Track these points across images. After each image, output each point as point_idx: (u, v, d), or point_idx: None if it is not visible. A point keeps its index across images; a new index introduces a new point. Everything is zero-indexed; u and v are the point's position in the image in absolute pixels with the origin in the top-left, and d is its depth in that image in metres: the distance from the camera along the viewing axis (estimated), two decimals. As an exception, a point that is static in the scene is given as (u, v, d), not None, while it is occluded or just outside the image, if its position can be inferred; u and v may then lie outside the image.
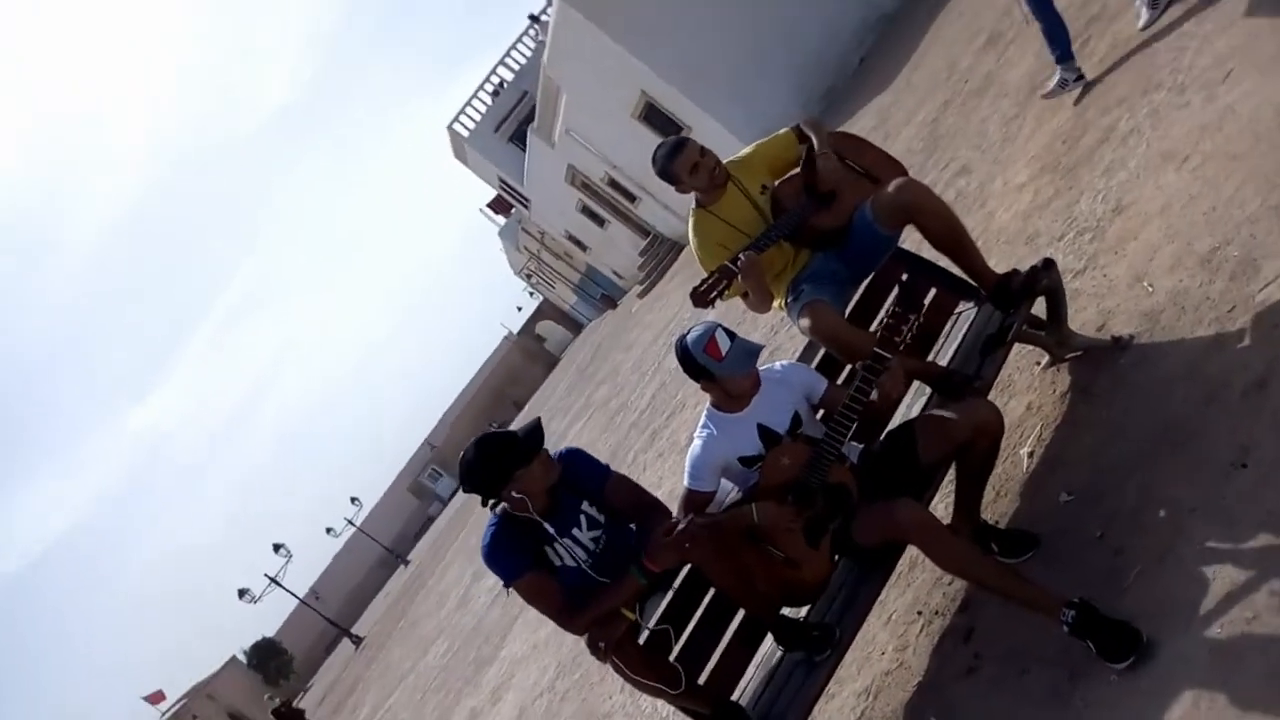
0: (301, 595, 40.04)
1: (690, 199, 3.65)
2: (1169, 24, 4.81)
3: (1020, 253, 4.51)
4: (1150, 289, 3.38)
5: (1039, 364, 3.73)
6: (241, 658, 61.94)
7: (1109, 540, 2.70)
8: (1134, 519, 2.66)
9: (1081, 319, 3.61)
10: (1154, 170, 3.95)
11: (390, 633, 26.24)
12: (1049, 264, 3.29)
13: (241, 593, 37.15)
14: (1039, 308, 3.44)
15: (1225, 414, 2.63)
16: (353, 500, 50.31)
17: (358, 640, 36.80)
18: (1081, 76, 5.33)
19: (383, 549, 52.46)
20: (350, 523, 50.75)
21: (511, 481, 2.86)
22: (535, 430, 2.96)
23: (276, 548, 38.25)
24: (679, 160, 3.51)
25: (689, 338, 2.92)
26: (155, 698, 46.04)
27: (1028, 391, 3.71)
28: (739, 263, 3.29)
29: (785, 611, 3.02)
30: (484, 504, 2.96)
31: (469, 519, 26.36)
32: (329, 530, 50.51)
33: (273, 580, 38.01)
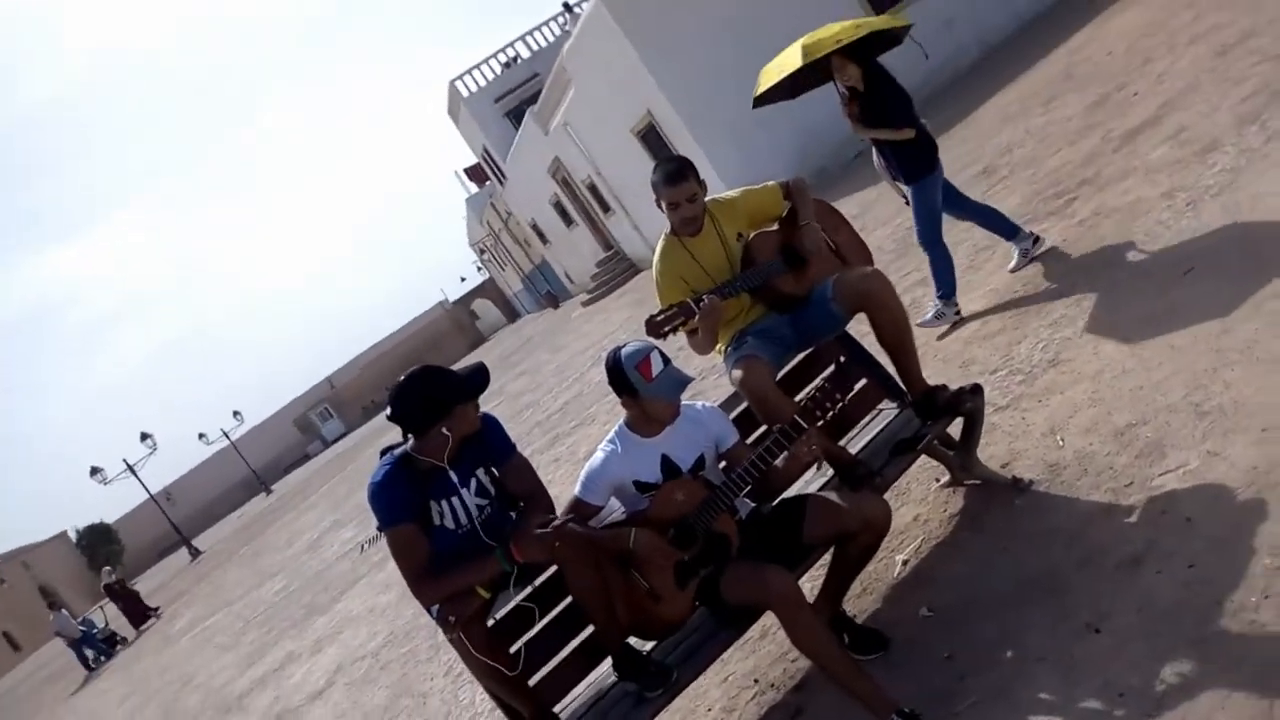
0: (154, 491, 38.64)
1: (665, 223, 3.66)
2: (1153, 199, 5.02)
3: (953, 374, 4.63)
4: (1061, 444, 3.49)
5: (939, 480, 3.82)
6: (72, 535, 59.68)
7: (955, 664, 2.76)
8: (984, 651, 2.73)
9: (991, 452, 3.71)
10: (1098, 336, 4.09)
11: (231, 555, 25.52)
12: (977, 390, 3.38)
13: (94, 470, 35.73)
14: (955, 428, 3.54)
15: (1095, 579, 2.71)
16: (235, 414, 48.84)
17: (196, 552, 35.70)
18: (959, 314, 5.42)
19: (250, 471, 51.10)
20: (225, 435, 49.33)
21: (447, 418, 2.81)
22: (481, 372, 2.91)
23: (144, 436, 36.91)
24: (672, 188, 3.49)
25: (624, 350, 2.92)
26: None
27: (920, 503, 3.79)
28: (702, 304, 3.32)
29: (631, 641, 3.01)
30: (405, 436, 2.90)
31: (347, 467, 25.89)
32: (201, 436, 49.01)
33: (129, 468, 36.65)
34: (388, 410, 2.85)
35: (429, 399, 2.81)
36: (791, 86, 5.69)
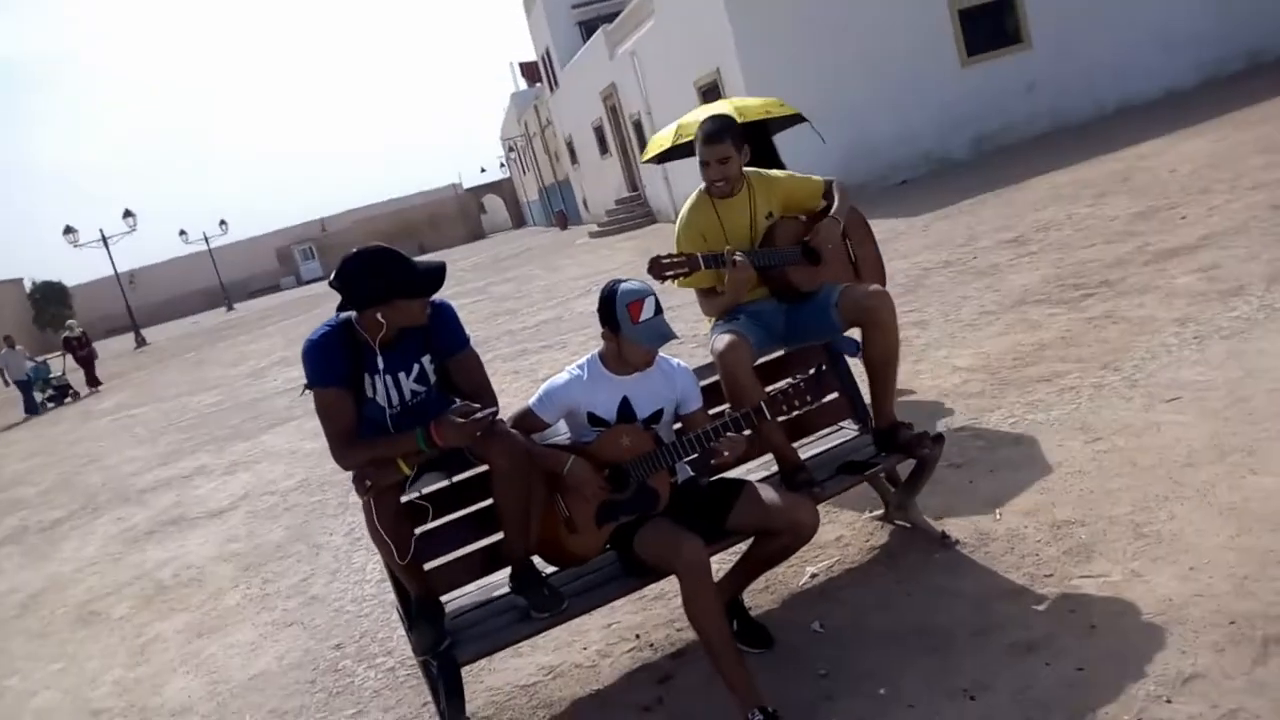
0: (119, 270, 38.25)
1: (699, 182, 3.65)
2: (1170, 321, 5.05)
3: (920, 417, 4.65)
4: (998, 517, 3.54)
5: (871, 511, 3.86)
6: (27, 286, 59.06)
7: (827, 683, 2.81)
8: (859, 680, 2.78)
9: (929, 502, 3.75)
10: (1069, 430, 4.13)
11: (175, 356, 25.39)
12: (939, 439, 3.41)
13: (68, 229, 35.25)
14: (905, 467, 3.57)
15: (985, 650, 2.77)
16: (221, 223, 48.40)
17: (142, 341, 35.44)
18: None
19: (219, 283, 50.69)
20: (205, 240, 48.87)
21: (385, 305, 2.77)
22: (438, 274, 2.85)
23: (127, 213, 36.43)
24: (707, 146, 3.49)
25: (623, 286, 2.91)
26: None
27: (847, 526, 3.83)
28: (734, 260, 3.32)
29: (534, 559, 3.04)
30: (341, 308, 2.85)
31: (313, 310, 25.74)
32: (183, 233, 48.48)
33: (104, 238, 36.23)
34: (331, 276, 2.80)
35: (372, 281, 2.74)
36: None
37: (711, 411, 3.24)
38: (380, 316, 2.76)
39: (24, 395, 20.06)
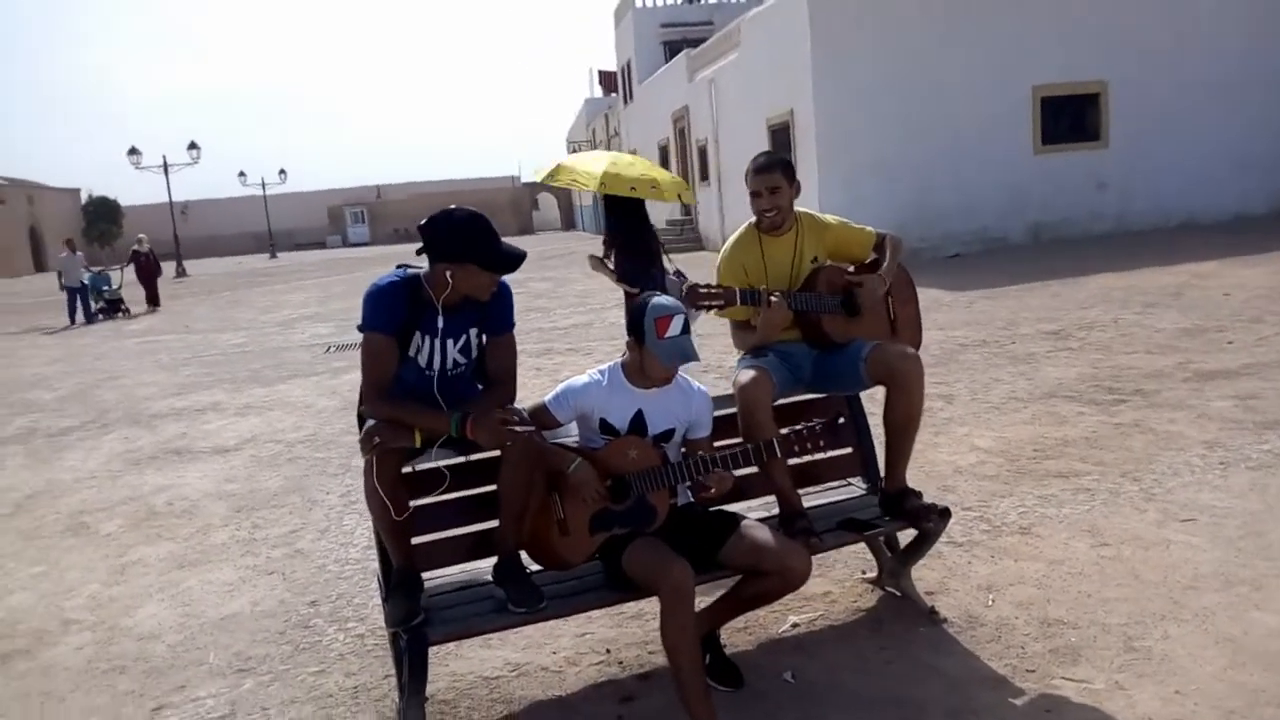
0: (175, 199, 38.82)
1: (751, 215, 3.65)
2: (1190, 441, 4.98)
3: (930, 490, 4.61)
4: (990, 604, 3.49)
5: (864, 572, 3.82)
6: (83, 197, 60.07)
7: (789, 734, 2.78)
8: (820, 737, 2.74)
9: (924, 575, 3.71)
10: (1076, 530, 4.08)
11: (211, 293, 25.67)
12: (945, 514, 3.37)
13: (133, 150, 35.86)
14: (906, 535, 3.53)
15: (953, 731, 2.72)
16: (281, 172, 49.22)
17: (182, 272, 35.86)
18: None
19: (267, 230, 51.28)
20: (263, 185, 49.55)
21: (457, 265, 2.80)
22: (518, 258, 2.88)
23: (192, 145, 37.03)
24: (757, 175, 3.51)
25: (655, 300, 2.90)
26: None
27: (837, 583, 3.79)
28: (769, 300, 3.32)
29: (522, 554, 3.02)
30: (419, 253, 2.89)
31: (354, 271, 25.93)
32: (241, 174, 49.29)
33: (165, 166, 36.80)
34: (422, 221, 2.85)
35: (454, 238, 2.79)
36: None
37: (722, 443, 3.22)
38: (449, 276, 2.80)
39: (71, 301, 19.60)
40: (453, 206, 2.86)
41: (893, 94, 15.23)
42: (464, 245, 2.79)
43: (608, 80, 39.07)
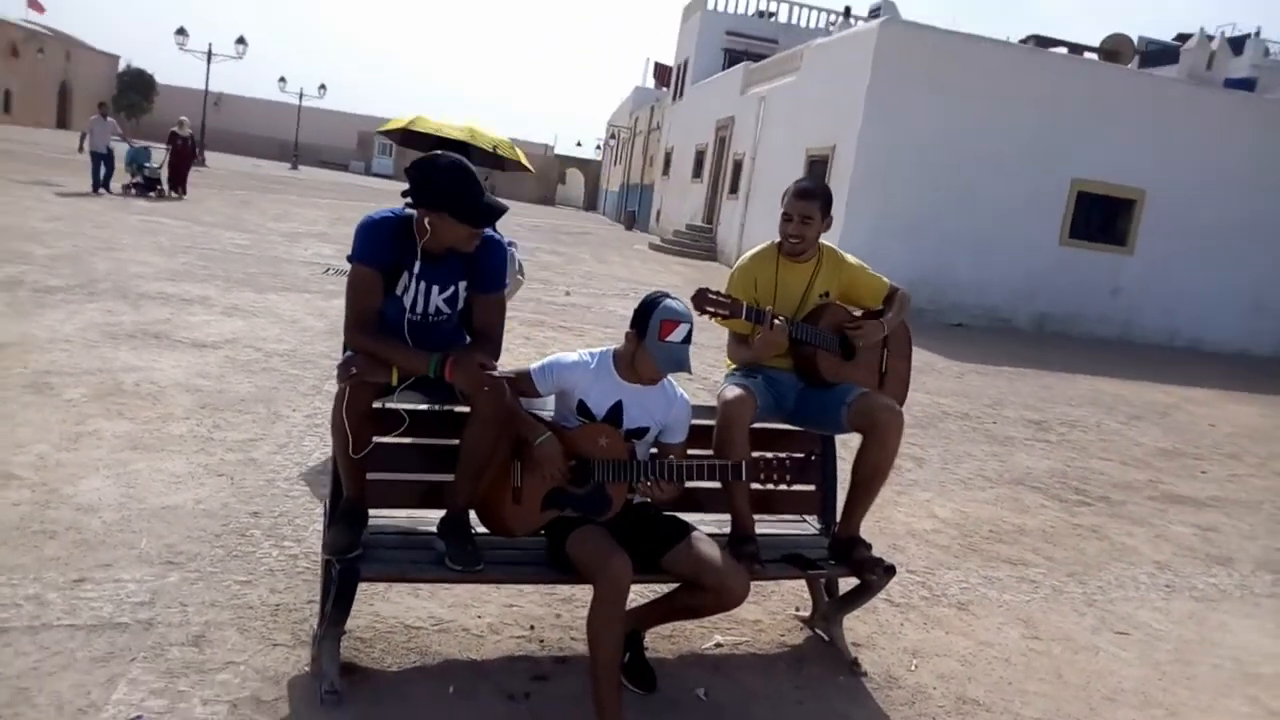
0: (212, 88, 38.67)
1: (773, 236, 3.67)
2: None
3: (880, 544, 4.62)
4: (913, 669, 3.51)
5: (798, 610, 3.84)
6: (121, 65, 59.71)
7: (689, 748, 2.79)
8: (719, 758, 2.76)
9: (855, 625, 3.73)
10: (1012, 617, 4.11)
11: (225, 189, 25.54)
12: (890, 571, 3.38)
13: (180, 30, 35.61)
14: (847, 584, 3.55)
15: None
16: (321, 86, 49.07)
17: (201, 162, 35.62)
18: None
19: (294, 140, 51.08)
20: (300, 96, 49.38)
21: (434, 213, 2.78)
22: (491, 212, 2.84)
23: (240, 40, 36.91)
24: (796, 200, 3.53)
25: (667, 301, 2.90)
26: (36, 7, 49.99)
27: (769, 613, 3.81)
28: (773, 321, 3.33)
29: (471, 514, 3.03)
30: (403, 195, 2.88)
31: (367, 202, 25.84)
32: (282, 79, 49.20)
33: (209, 53, 36.62)
34: (408, 166, 2.85)
35: (434, 187, 2.77)
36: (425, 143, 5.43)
37: (694, 452, 3.23)
38: (427, 223, 2.79)
39: (94, 167, 18.66)
40: (438, 153, 2.84)
41: (935, 155, 15.27)
42: (441, 194, 2.77)
43: (662, 74, 39.00)
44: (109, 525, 3.71)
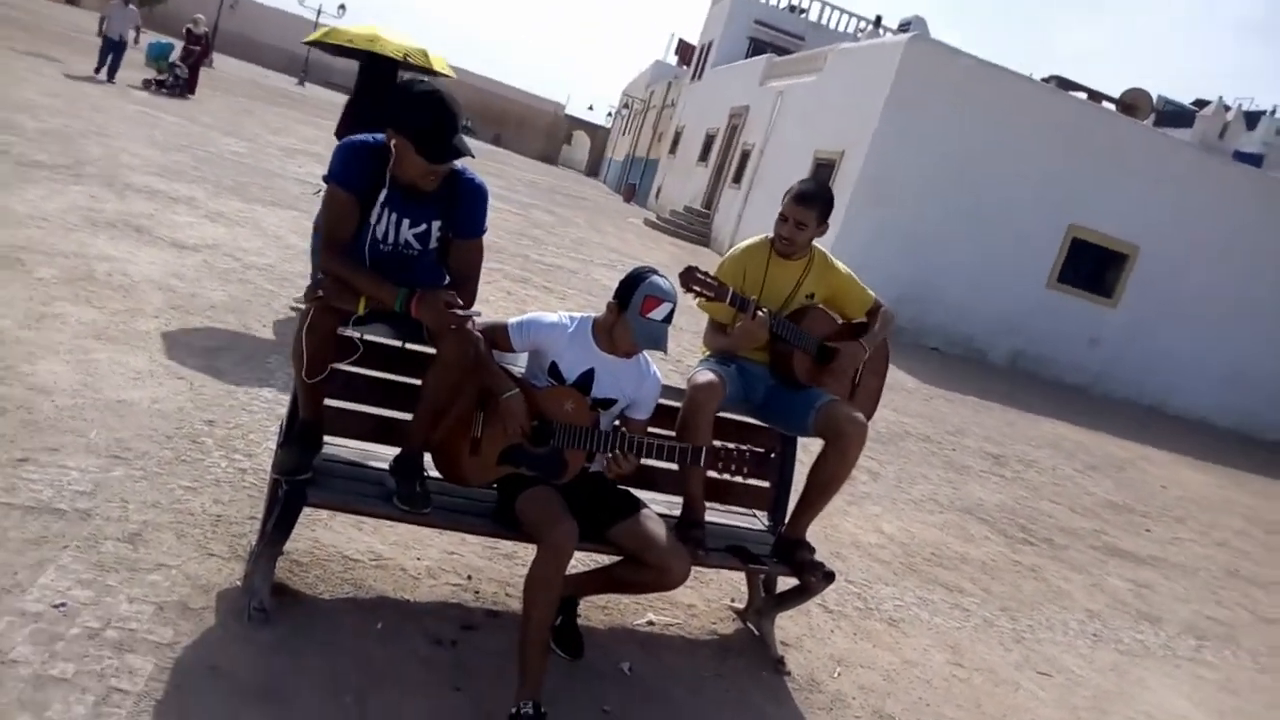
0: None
1: (766, 230, 3.67)
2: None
3: (823, 550, 4.66)
4: (836, 675, 3.56)
5: (734, 601, 3.87)
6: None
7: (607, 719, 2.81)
8: (632, 733, 2.78)
9: (786, 625, 3.77)
10: (940, 641, 4.17)
11: (228, 94, 25.14)
12: (829, 577, 3.41)
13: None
14: (786, 583, 3.58)
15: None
16: (341, 6, 48.66)
17: (209, 63, 35.01)
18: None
19: (305, 56, 50.41)
20: (318, 13, 48.81)
21: (400, 138, 2.69)
22: (447, 149, 2.72)
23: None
24: (794, 204, 3.52)
25: (653, 278, 2.89)
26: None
27: (705, 600, 3.84)
28: (756, 311, 3.33)
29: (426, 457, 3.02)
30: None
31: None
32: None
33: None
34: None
35: (405, 107, 2.69)
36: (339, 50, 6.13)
37: (656, 431, 3.24)
38: (393, 145, 2.75)
39: (104, 52, 17.69)
40: (421, 79, 2.77)
41: (941, 177, 15.29)
42: (408, 120, 2.69)
43: (685, 52, 38.79)
44: (61, 410, 3.66)
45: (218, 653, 2.58)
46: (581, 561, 3.61)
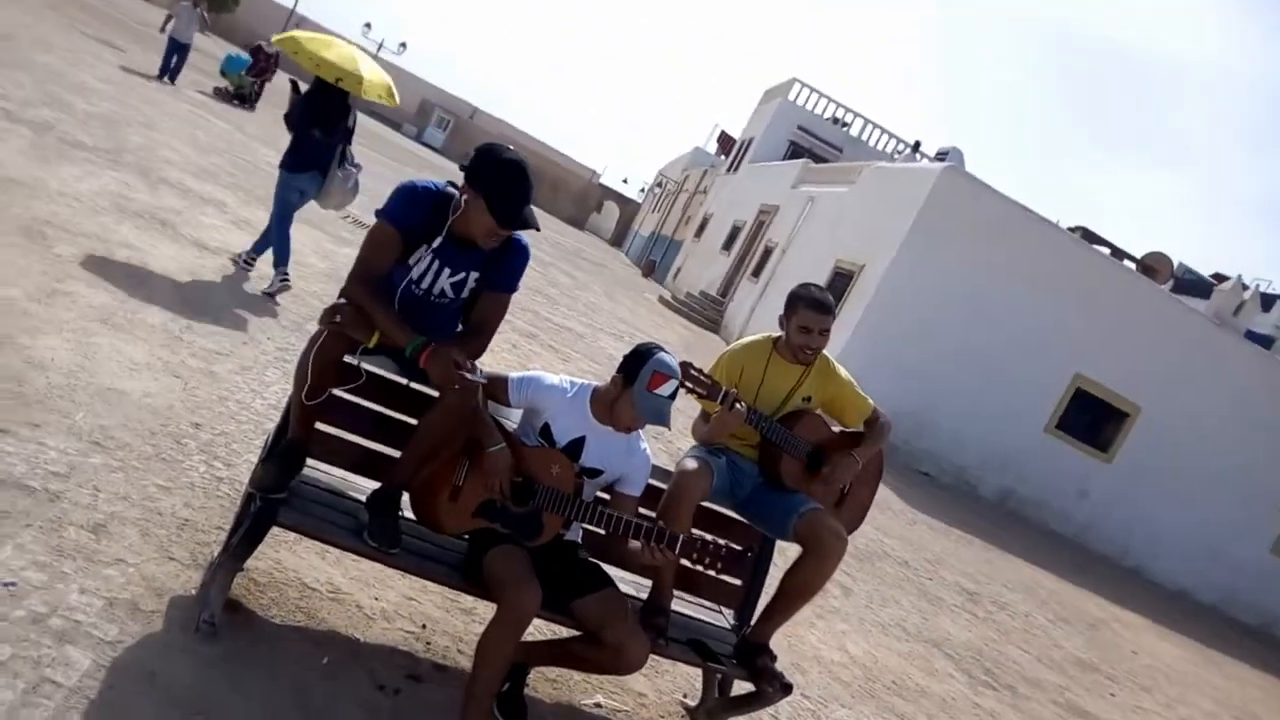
0: (299, 10, 39.07)
1: (769, 329, 3.70)
2: None
3: (784, 660, 4.58)
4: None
5: (686, 696, 3.79)
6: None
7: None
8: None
9: (736, 729, 3.68)
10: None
11: (276, 107, 25.53)
12: (787, 689, 3.35)
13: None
14: (742, 687, 3.51)
15: None
16: (402, 44, 50.07)
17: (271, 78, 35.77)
18: (285, 278, 6.57)
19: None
20: (379, 47, 50.07)
21: (475, 194, 2.79)
22: (519, 219, 2.84)
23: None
24: (821, 315, 3.53)
25: (662, 355, 2.91)
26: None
27: (657, 691, 3.76)
28: (736, 407, 3.33)
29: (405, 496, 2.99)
30: (462, 167, 2.90)
31: (404, 167, 25.90)
32: (367, 25, 49.90)
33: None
34: (481, 144, 2.90)
35: (488, 167, 2.80)
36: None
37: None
38: (464, 200, 2.81)
39: (168, 53, 17.37)
40: (511, 147, 2.87)
41: (956, 304, 15.43)
42: (490, 180, 2.80)
43: (725, 143, 39.47)
44: (52, 387, 3.65)
45: (158, 659, 2.52)
46: (540, 630, 3.55)
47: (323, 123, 6.56)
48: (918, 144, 29.09)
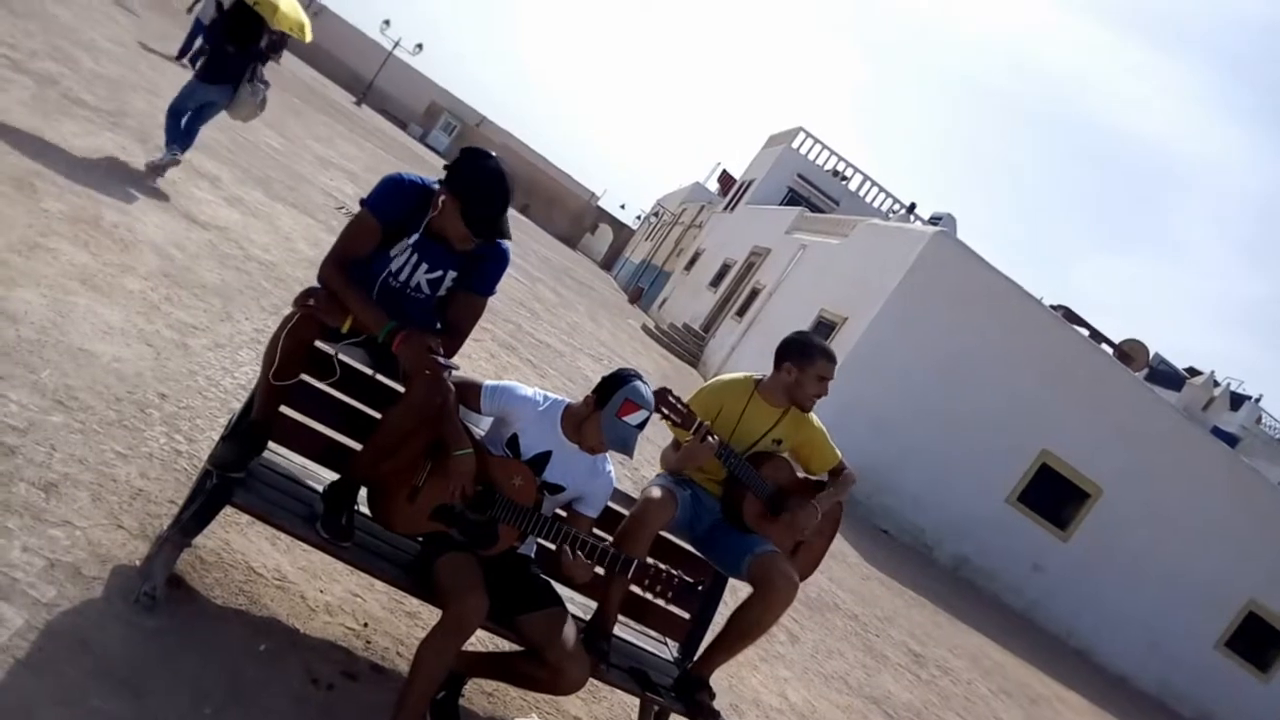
0: (317, -4, 39.19)
1: (748, 368, 3.73)
2: None
3: (723, 699, 4.57)
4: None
5: (620, 726, 3.77)
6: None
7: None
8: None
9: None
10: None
11: (284, 91, 25.54)
12: (721, 728, 3.34)
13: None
14: (677, 721, 3.50)
15: None
16: (419, 46, 50.18)
17: (277, 59, 35.73)
18: (177, 156, 7.28)
19: (370, 80, 51.62)
20: (395, 45, 50.22)
21: (451, 197, 2.81)
22: (495, 228, 2.87)
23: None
24: (829, 365, 3.59)
25: (637, 383, 2.92)
26: None
27: (592, 715, 3.73)
28: (707, 437, 3.35)
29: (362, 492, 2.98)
30: (445, 168, 2.93)
31: (403, 166, 25.90)
32: (386, 22, 50.17)
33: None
34: (467, 146, 2.95)
35: (467, 171, 2.83)
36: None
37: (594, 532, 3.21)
38: (441, 200, 2.84)
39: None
40: (495, 154, 2.89)
41: (930, 368, 15.56)
42: (467, 185, 2.82)
43: (725, 181, 39.78)
44: (21, 341, 3.61)
45: (93, 627, 2.49)
46: (481, 641, 3.53)
47: (237, 39, 7.55)
48: (913, 205, 29.41)
